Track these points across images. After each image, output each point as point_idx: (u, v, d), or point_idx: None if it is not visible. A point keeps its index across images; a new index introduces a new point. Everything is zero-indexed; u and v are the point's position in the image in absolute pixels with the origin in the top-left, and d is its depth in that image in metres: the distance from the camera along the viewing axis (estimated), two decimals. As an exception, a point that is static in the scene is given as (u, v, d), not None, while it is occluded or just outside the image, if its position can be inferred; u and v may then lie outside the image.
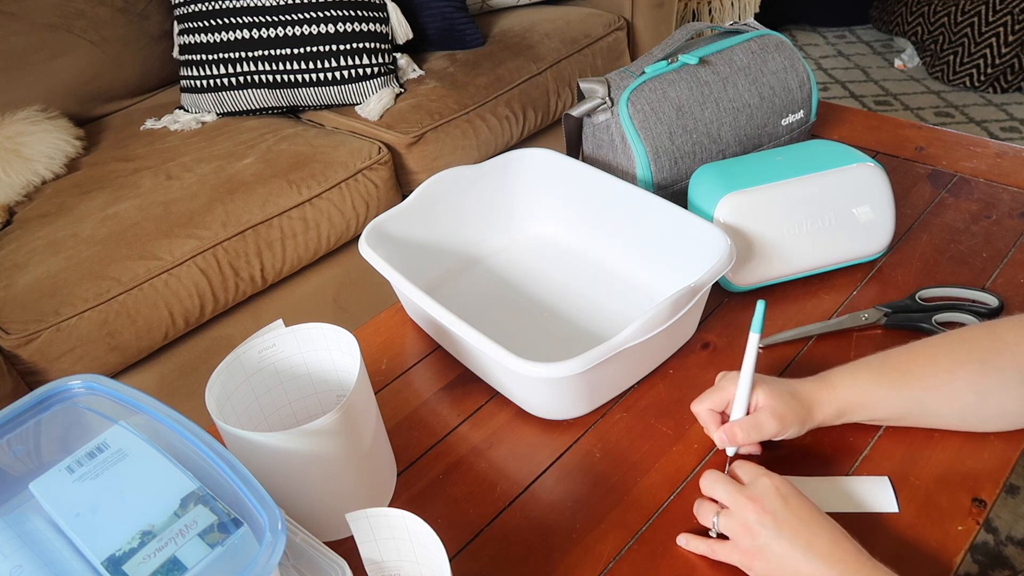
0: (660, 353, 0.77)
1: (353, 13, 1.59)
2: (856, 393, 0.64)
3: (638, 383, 0.76)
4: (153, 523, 0.49)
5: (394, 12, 1.67)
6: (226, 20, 1.59)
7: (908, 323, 0.78)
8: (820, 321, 0.80)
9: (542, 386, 0.69)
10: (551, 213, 0.95)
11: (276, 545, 0.47)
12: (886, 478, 0.64)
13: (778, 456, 0.67)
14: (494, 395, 0.77)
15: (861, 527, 0.61)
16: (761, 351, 0.78)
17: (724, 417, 0.66)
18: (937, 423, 0.66)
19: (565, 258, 0.92)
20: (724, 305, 0.84)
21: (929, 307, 0.79)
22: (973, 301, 0.79)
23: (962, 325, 0.77)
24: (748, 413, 0.64)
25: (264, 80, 1.60)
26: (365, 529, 0.54)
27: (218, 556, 0.48)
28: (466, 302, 0.88)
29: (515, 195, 0.94)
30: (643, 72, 0.93)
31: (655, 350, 0.75)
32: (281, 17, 1.57)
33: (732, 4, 2.71)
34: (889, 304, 0.80)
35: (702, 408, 0.66)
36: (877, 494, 0.63)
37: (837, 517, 0.57)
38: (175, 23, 1.68)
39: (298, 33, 1.57)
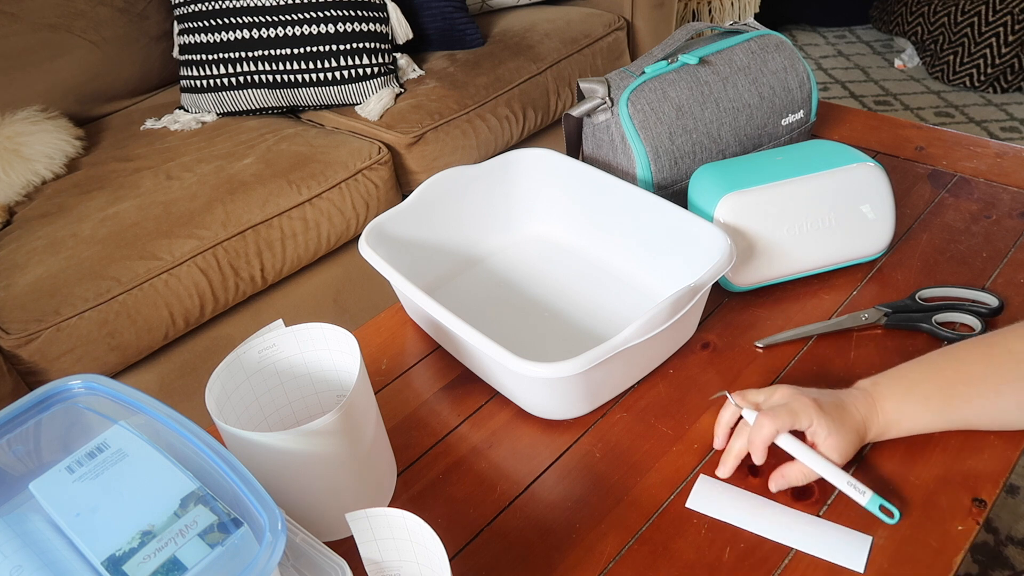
0: (660, 353, 0.77)
1: (353, 13, 1.59)
2: (903, 418, 0.64)
3: (638, 383, 0.76)
4: (153, 523, 0.49)
5: (394, 12, 1.67)
6: (226, 20, 1.59)
7: (908, 323, 0.78)
8: (820, 321, 0.80)
9: (542, 386, 0.69)
10: (551, 213, 0.95)
11: (276, 545, 0.47)
12: (869, 538, 0.61)
13: (774, 452, 0.67)
14: (494, 395, 0.77)
15: (861, 524, 0.61)
16: (761, 350, 0.78)
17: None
18: (973, 429, 0.67)
19: (565, 258, 0.92)
20: (724, 305, 0.84)
21: (929, 307, 0.79)
22: (973, 301, 0.79)
23: (963, 325, 0.77)
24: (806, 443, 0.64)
25: (264, 80, 1.60)
26: (365, 529, 0.54)
27: (218, 556, 0.48)
28: (466, 302, 0.88)
29: (515, 195, 0.94)
30: (643, 72, 0.93)
31: (655, 350, 0.75)
32: (281, 17, 1.57)
33: (732, 4, 2.71)
34: (889, 304, 0.80)
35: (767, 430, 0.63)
36: (849, 550, 0.60)
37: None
38: (175, 23, 1.68)
39: (298, 33, 1.57)
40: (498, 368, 0.72)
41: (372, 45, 1.62)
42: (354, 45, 1.60)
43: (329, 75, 1.60)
